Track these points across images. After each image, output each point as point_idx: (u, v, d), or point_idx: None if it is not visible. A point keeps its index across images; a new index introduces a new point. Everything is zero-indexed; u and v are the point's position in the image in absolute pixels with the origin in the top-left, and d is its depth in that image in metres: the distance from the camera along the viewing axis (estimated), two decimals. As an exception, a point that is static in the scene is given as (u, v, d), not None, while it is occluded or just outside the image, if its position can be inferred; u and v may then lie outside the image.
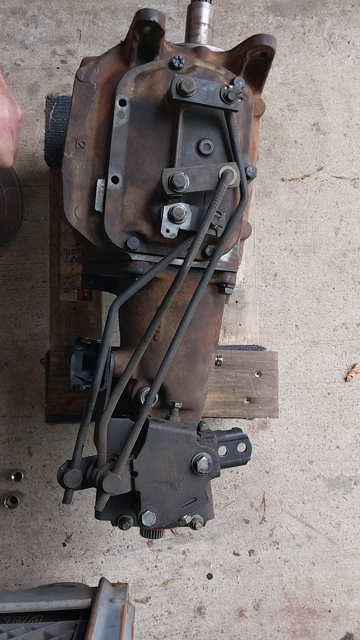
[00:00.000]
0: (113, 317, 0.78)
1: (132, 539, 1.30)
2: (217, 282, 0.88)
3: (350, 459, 1.34)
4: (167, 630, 1.29)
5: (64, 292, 1.13)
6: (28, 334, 1.32)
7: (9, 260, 1.33)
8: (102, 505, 0.77)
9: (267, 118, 1.39)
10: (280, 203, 1.38)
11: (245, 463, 0.91)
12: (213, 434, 0.86)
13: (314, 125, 1.40)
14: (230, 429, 0.91)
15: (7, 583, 1.28)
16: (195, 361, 0.89)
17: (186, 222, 0.79)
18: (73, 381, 0.83)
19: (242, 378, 1.11)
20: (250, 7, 1.41)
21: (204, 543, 1.31)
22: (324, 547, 1.32)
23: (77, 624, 0.90)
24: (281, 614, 1.31)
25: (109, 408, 0.77)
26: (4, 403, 1.31)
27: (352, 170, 1.39)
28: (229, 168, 0.78)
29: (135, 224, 0.80)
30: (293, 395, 1.34)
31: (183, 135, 0.79)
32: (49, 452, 1.30)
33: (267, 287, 1.36)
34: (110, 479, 0.74)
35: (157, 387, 0.78)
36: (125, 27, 1.37)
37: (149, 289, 0.85)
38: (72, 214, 0.82)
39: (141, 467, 0.79)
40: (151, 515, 0.79)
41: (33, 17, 1.38)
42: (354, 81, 1.40)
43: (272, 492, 1.33)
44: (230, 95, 0.77)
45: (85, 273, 0.93)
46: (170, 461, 0.80)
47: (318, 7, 1.42)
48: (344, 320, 1.36)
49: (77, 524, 1.30)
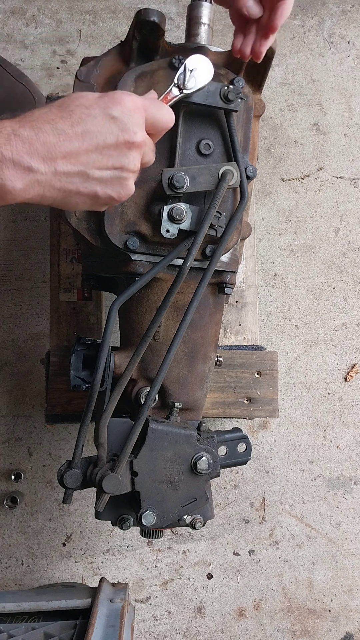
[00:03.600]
0: (113, 317, 0.78)
1: (132, 539, 1.30)
2: (217, 282, 0.88)
3: (350, 459, 1.34)
4: (167, 630, 1.29)
5: (64, 292, 1.13)
6: (28, 334, 1.32)
7: (9, 260, 1.33)
8: (102, 505, 0.77)
9: (267, 118, 1.39)
10: (280, 203, 1.38)
11: (245, 463, 0.91)
12: (213, 434, 0.86)
13: (314, 125, 1.40)
14: (230, 429, 0.91)
15: (7, 583, 1.28)
16: (195, 361, 0.89)
17: (186, 222, 0.79)
18: (73, 381, 0.83)
19: (242, 378, 1.11)
20: (250, 7, 1.40)
21: (204, 543, 1.31)
22: (324, 547, 1.32)
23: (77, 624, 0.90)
24: (281, 614, 1.31)
25: (109, 408, 0.77)
26: (4, 403, 1.30)
27: (352, 170, 1.39)
28: (229, 168, 0.78)
29: (135, 224, 0.80)
30: (293, 395, 1.34)
31: (183, 135, 0.79)
32: (49, 452, 1.30)
33: (267, 287, 1.36)
34: (110, 479, 0.74)
35: (157, 387, 0.78)
36: (125, 27, 1.37)
37: (149, 289, 0.85)
38: (72, 214, 0.82)
39: (141, 467, 0.79)
40: (151, 515, 0.79)
41: (33, 17, 1.38)
42: (354, 81, 1.40)
43: (272, 492, 1.33)
44: (230, 95, 0.77)
45: (85, 273, 0.93)
46: (170, 461, 0.80)
47: (318, 7, 1.42)
48: (344, 320, 1.36)
49: (77, 524, 1.30)
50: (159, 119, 0.66)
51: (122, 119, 0.62)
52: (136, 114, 0.63)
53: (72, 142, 0.59)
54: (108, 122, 0.61)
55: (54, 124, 0.58)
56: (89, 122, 0.60)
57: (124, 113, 0.62)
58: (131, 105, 0.63)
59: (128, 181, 0.65)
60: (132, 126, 0.62)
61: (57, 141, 0.58)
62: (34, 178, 0.57)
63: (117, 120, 0.61)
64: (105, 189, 0.63)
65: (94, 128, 0.60)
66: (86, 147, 0.60)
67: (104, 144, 0.61)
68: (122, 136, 0.61)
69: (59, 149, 0.58)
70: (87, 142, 0.60)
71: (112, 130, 0.61)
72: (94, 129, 0.60)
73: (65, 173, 0.59)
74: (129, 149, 0.63)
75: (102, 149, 0.61)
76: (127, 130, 0.62)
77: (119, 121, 0.62)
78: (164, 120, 0.67)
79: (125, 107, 0.62)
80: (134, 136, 0.62)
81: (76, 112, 0.60)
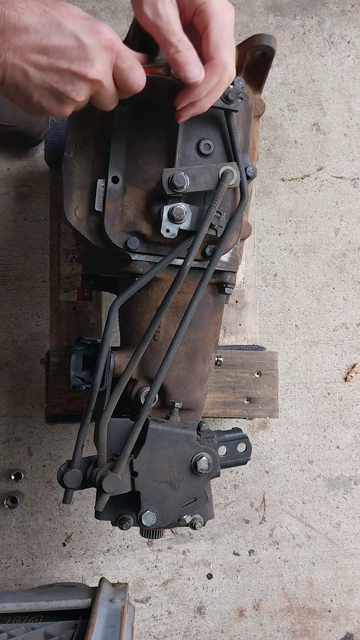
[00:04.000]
0: (113, 317, 0.78)
1: (132, 539, 1.30)
2: (217, 282, 0.88)
3: (350, 459, 1.34)
4: (167, 630, 1.29)
5: (64, 292, 1.13)
6: (28, 334, 1.32)
7: (9, 260, 1.33)
8: (102, 505, 0.77)
9: (267, 118, 1.39)
10: (280, 203, 1.38)
11: (245, 463, 0.91)
12: (213, 433, 0.86)
13: (314, 125, 1.40)
14: (230, 429, 0.91)
15: (7, 583, 1.28)
16: (195, 361, 0.89)
17: (186, 222, 0.79)
18: (73, 381, 0.83)
19: (242, 378, 1.11)
20: (250, 7, 1.41)
21: (204, 543, 1.31)
22: (324, 547, 1.32)
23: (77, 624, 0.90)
24: (281, 614, 1.31)
25: (109, 408, 0.77)
26: (4, 403, 1.31)
27: (352, 170, 1.39)
28: (229, 168, 0.78)
29: (135, 224, 0.80)
30: (293, 395, 1.34)
31: (183, 135, 0.79)
32: (49, 452, 1.30)
33: (267, 287, 1.36)
34: (110, 479, 0.74)
35: (157, 387, 0.78)
36: (125, 27, 1.37)
37: (149, 289, 0.85)
38: (72, 214, 0.82)
39: (141, 467, 0.79)
40: (151, 515, 0.79)
41: (33, 17, 1.38)
42: (354, 81, 1.40)
43: (272, 492, 1.33)
44: (230, 95, 0.77)
45: (85, 273, 0.93)
46: (170, 461, 0.80)
47: (318, 7, 1.42)
48: (344, 320, 1.36)
49: (77, 524, 1.30)
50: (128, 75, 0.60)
51: (88, 46, 0.56)
52: (105, 50, 0.57)
53: (21, 34, 0.54)
54: (70, 40, 0.55)
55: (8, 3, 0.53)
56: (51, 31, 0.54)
57: (94, 42, 0.56)
58: (104, 38, 0.57)
59: (65, 105, 0.60)
60: (95, 57, 0.56)
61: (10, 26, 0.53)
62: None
63: (82, 46, 0.55)
64: (41, 98, 0.59)
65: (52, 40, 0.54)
66: (32, 44, 0.54)
67: (54, 61, 0.55)
68: (77, 65, 0.56)
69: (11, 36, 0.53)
70: (33, 39, 0.54)
71: (70, 52, 0.56)
72: (51, 41, 0.54)
73: (11, 64, 0.55)
74: (78, 78, 0.57)
75: (50, 63, 0.55)
76: (86, 59, 0.56)
77: (84, 47, 0.56)
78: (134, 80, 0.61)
79: (100, 37, 0.56)
80: (90, 70, 0.57)
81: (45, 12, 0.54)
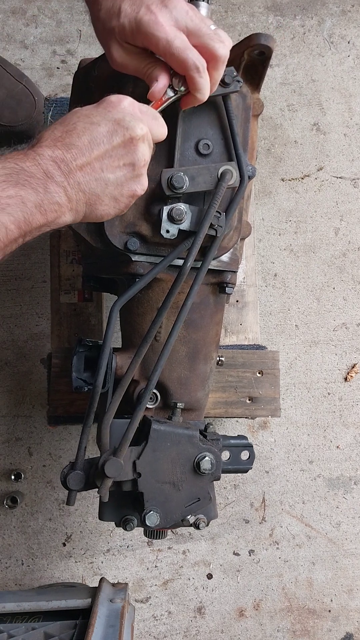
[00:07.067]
0: (114, 318, 0.78)
1: (132, 539, 1.30)
2: (217, 281, 0.87)
3: (350, 459, 1.34)
4: (167, 630, 1.29)
5: (65, 293, 1.13)
6: (28, 334, 1.32)
7: (9, 260, 1.33)
8: (106, 492, 0.76)
9: (267, 118, 1.39)
10: (280, 203, 1.38)
11: (247, 472, 0.91)
12: (219, 436, 0.86)
13: (314, 125, 1.40)
14: (236, 435, 0.91)
15: (7, 583, 1.28)
16: (197, 361, 0.89)
17: (186, 222, 0.79)
18: (75, 383, 0.83)
19: (243, 377, 1.11)
20: (250, 7, 1.40)
21: (204, 543, 1.31)
22: (324, 547, 1.32)
23: (77, 624, 0.90)
24: (281, 614, 1.31)
25: (111, 409, 0.77)
26: (4, 403, 1.30)
27: (352, 170, 1.39)
28: (228, 168, 0.78)
29: (135, 224, 0.80)
30: (293, 395, 1.34)
31: (182, 135, 0.79)
32: (49, 452, 1.30)
33: (267, 287, 1.36)
34: (113, 463, 0.74)
35: (153, 383, 0.77)
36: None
37: (150, 289, 0.85)
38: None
39: (144, 468, 0.78)
40: (155, 515, 0.79)
41: (33, 17, 1.38)
42: (354, 81, 1.40)
43: (272, 492, 1.33)
44: (226, 79, 0.77)
45: (86, 274, 0.93)
46: (173, 461, 0.80)
47: (318, 7, 1.42)
48: (344, 320, 1.36)
49: (77, 524, 1.30)
50: (153, 128, 0.69)
51: (122, 118, 0.64)
52: (133, 110, 0.66)
53: (83, 154, 0.62)
54: (110, 125, 0.64)
55: (62, 141, 0.61)
56: (94, 131, 0.63)
57: (123, 113, 0.64)
58: (127, 104, 0.65)
59: (142, 176, 0.68)
60: (133, 122, 0.64)
61: (70, 156, 0.61)
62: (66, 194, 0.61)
63: (118, 122, 0.64)
64: (123, 189, 0.66)
65: (99, 135, 0.63)
66: (96, 155, 0.63)
67: (111, 146, 0.64)
68: (127, 134, 0.64)
69: (74, 162, 0.61)
70: (96, 150, 0.63)
71: (117, 132, 0.64)
72: (99, 136, 0.63)
73: (86, 183, 0.62)
74: (135, 144, 0.65)
75: (111, 151, 0.64)
76: (129, 128, 0.64)
77: (120, 121, 0.64)
78: (158, 130, 0.70)
79: (122, 108, 0.65)
80: (137, 131, 0.65)
81: (79, 124, 0.63)
